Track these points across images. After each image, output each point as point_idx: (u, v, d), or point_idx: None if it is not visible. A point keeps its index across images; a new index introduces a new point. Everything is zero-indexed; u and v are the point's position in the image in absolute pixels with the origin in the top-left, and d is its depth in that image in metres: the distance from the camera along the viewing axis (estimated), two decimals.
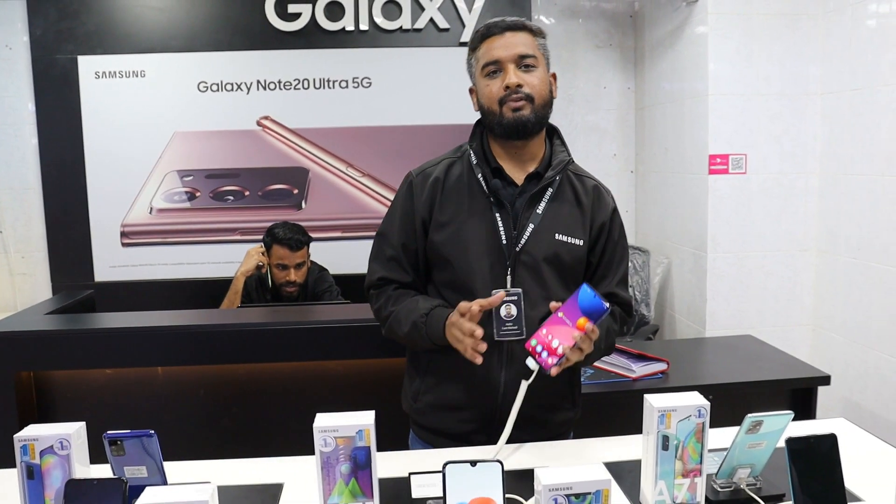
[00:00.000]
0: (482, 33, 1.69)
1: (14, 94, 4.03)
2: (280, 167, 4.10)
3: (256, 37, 3.99)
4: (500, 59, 1.65)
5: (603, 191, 1.78)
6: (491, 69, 1.66)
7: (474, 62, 1.72)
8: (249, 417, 2.50)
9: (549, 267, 1.66)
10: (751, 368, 2.69)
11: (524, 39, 1.67)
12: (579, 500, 1.07)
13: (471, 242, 1.66)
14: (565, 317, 1.45)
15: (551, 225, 1.68)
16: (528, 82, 1.64)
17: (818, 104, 3.52)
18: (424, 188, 1.72)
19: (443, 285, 1.71)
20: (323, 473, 1.21)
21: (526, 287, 1.63)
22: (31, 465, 1.22)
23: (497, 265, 1.65)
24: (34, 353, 2.42)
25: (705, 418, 1.30)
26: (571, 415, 1.80)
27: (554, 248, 1.67)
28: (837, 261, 3.45)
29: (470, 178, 1.70)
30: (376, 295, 1.77)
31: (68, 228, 4.04)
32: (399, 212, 1.75)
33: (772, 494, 1.36)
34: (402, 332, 1.68)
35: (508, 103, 1.64)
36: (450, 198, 1.70)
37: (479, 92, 1.71)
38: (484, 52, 1.68)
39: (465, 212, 1.68)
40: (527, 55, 1.65)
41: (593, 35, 4.39)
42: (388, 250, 1.74)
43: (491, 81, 1.67)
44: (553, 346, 1.45)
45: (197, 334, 2.45)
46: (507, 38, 1.65)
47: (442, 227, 1.69)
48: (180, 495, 1.03)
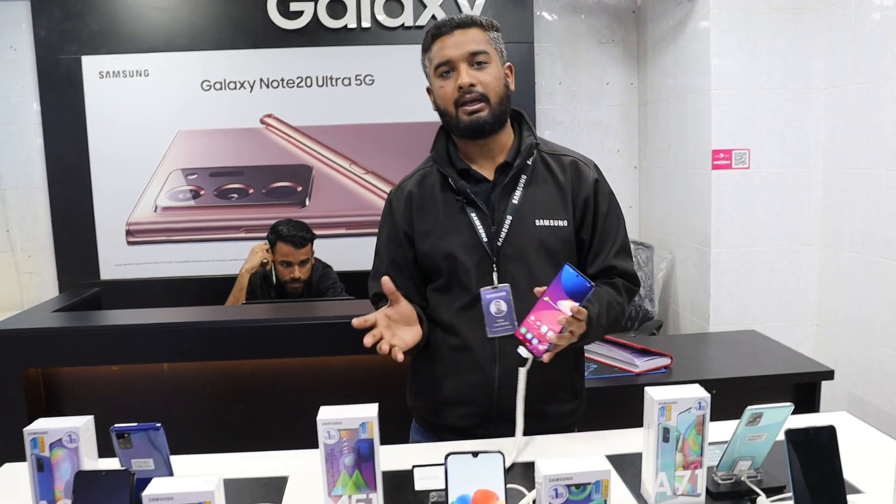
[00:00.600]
0: (433, 33, 1.67)
1: (19, 94, 4.06)
2: (284, 165, 4.12)
3: (259, 35, 4.01)
4: (452, 58, 1.63)
5: (582, 165, 1.75)
6: (444, 69, 1.65)
7: (427, 63, 1.70)
8: (254, 413, 2.52)
9: (536, 255, 1.65)
10: (754, 363, 2.70)
11: (475, 36, 1.65)
12: (579, 491, 1.08)
13: (452, 247, 1.66)
14: (551, 300, 1.45)
15: (530, 212, 1.67)
16: (481, 80, 1.63)
17: (821, 98, 3.52)
18: (401, 203, 1.74)
19: (437, 291, 1.72)
20: (327, 465, 1.23)
21: (515, 280, 1.63)
22: (41, 458, 1.24)
23: (483, 264, 1.65)
24: (42, 350, 2.45)
25: (706, 410, 1.30)
26: (573, 406, 1.78)
27: (537, 234, 1.66)
28: (841, 255, 3.45)
29: (442, 184, 1.71)
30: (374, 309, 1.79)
31: (74, 227, 4.07)
32: (385, 230, 1.78)
33: (772, 486, 1.36)
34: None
35: (464, 106, 1.63)
36: (426, 208, 1.71)
37: (435, 93, 1.70)
38: (436, 51, 1.66)
39: (441, 219, 1.69)
40: (478, 52, 1.64)
41: (596, 31, 4.39)
42: (380, 268, 1.76)
43: (444, 82, 1.66)
44: (542, 331, 1.45)
45: (202, 331, 2.47)
46: (456, 36, 1.64)
47: (425, 238, 1.70)
48: (187, 486, 1.04)
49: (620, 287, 1.72)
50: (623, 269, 1.73)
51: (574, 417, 1.79)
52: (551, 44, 4.36)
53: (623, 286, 1.73)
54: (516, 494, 1.33)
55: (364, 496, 1.24)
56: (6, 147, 4.08)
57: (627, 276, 1.74)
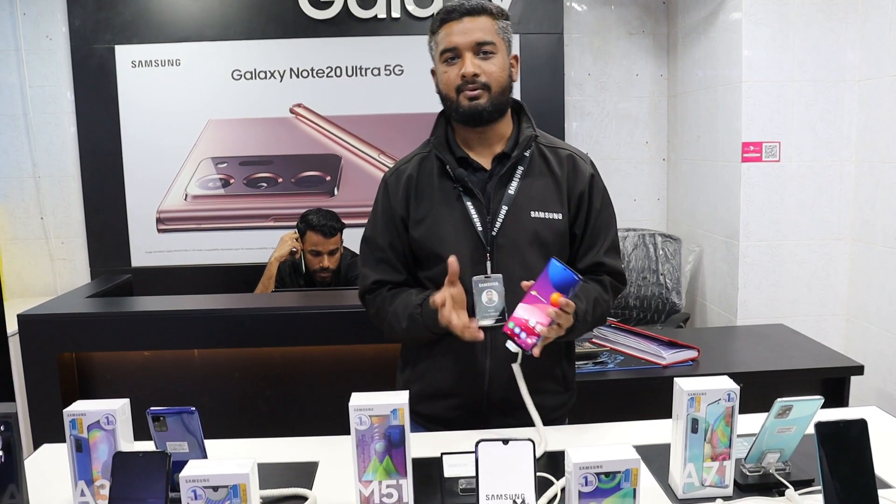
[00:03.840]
0: (441, 17, 1.65)
1: (54, 83, 4.12)
2: (313, 154, 4.14)
3: (289, 25, 4.03)
4: (458, 45, 1.62)
5: (579, 159, 1.74)
6: (449, 56, 1.64)
7: (434, 46, 1.69)
8: (283, 399, 2.54)
9: (530, 247, 1.64)
10: (782, 357, 2.68)
11: (483, 24, 1.63)
12: (609, 479, 1.09)
13: (447, 235, 1.66)
14: (539, 294, 1.45)
15: (525, 203, 1.66)
16: (485, 70, 1.62)
17: (855, 91, 3.47)
18: (399, 187, 1.72)
19: (429, 280, 1.70)
20: (358, 451, 1.24)
21: (508, 271, 1.60)
22: (79, 439, 1.27)
23: (476, 253, 1.64)
24: (75, 335, 2.49)
25: (735, 402, 1.30)
26: (564, 398, 1.77)
27: (532, 226, 1.65)
28: (872, 250, 3.41)
29: (440, 170, 1.70)
30: (371, 300, 1.75)
31: (106, 215, 4.13)
32: (380, 213, 1.74)
33: (801, 479, 1.36)
34: (402, 327, 1.67)
35: (465, 92, 1.63)
36: (423, 193, 1.70)
37: (438, 77, 1.70)
38: (443, 36, 1.65)
39: (437, 205, 1.68)
40: (485, 42, 1.63)
41: (626, 22, 4.36)
42: (376, 253, 1.74)
43: (449, 68, 1.65)
44: (530, 325, 1.44)
45: (232, 318, 2.50)
46: (465, 23, 1.62)
47: (419, 224, 1.69)
48: (222, 468, 1.07)
49: (608, 284, 1.73)
50: (612, 267, 1.73)
51: (564, 410, 1.79)
52: (581, 35, 4.33)
53: (610, 284, 1.74)
54: (544, 483, 1.34)
55: (394, 482, 1.26)
56: (41, 135, 4.15)
57: (615, 273, 1.75)
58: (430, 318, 1.60)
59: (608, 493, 1.10)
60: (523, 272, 1.58)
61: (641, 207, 4.46)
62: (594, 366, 2.56)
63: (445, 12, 1.65)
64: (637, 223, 4.35)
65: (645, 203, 4.45)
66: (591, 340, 2.80)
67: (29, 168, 4.18)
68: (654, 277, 3.86)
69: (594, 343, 2.76)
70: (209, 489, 1.07)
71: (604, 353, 2.66)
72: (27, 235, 4.23)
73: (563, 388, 1.77)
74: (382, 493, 1.27)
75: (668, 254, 3.91)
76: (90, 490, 1.29)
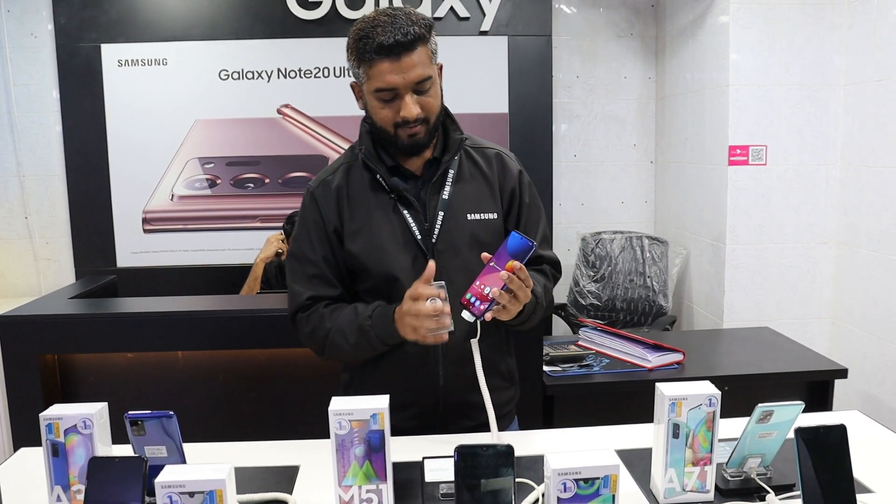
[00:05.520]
0: (373, 50, 1.51)
1: (39, 81, 4.08)
2: (300, 155, 4.12)
3: (277, 25, 4.01)
4: (397, 86, 1.53)
5: (506, 157, 1.74)
6: (386, 96, 1.55)
7: (362, 74, 1.57)
8: (267, 402, 2.53)
9: (469, 250, 1.62)
10: (767, 360, 2.69)
11: (420, 58, 1.53)
12: (588, 485, 1.08)
13: (387, 245, 1.62)
14: (496, 264, 1.44)
15: (460, 206, 1.65)
16: (424, 106, 1.56)
17: (841, 95, 3.49)
18: (328, 198, 1.66)
19: (367, 293, 1.66)
20: (338, 456, 1.24)
21: (452, 275, 1.58)
22: (55, 443, 1.26)
23: (417, 262, 1.61)
24: (58, 336, 2.46)
25: (716, 407, 1.31)
26: (511, 394, 1.77)
27: (469, 228, 1.64)
28: (857, 254, 3.43)
29: (371, 181, 1.65)
30: (306, 318, 1.65)
31: (91, 214, 4.09)
32: (310, 227, 1.67)
33: (782, 484, 1.37)
34: (349, 343, 1.59)
35: (405, 129, 1.57)
36: (356, 204, 1.65)
37: (371, 109, 1.61)
38: (377, 74, 1.53)
39: (373, 216, 1.64)
40: (424, 79, 1.54)
41: (614, 24, 4.37)
42: (308, 268, 1.66)
43: (385, 105, 1.57)
44: (484, 293, 1.44)
45: (217, 320, 2.48)
46: (403, 61, 1.51)
47: (355, 236, 1.64)
48: (198, 474, 1.06)
49: (549, 274, 1.76)
50: (549, 258, 1.76)
51: (512, 405, 1.79)
52: (569, 37, 4.34)
53: (550, 273, 1.76)
54: (525, 488, 1.33)
55: (374, 487, 1.26)
56: (26, 134, 4.11)
57: (553, 264, 1.77)
58: (384, 329, 1.55)
59: (587, 499, 1.09)
60: (465, 275, 1.54)
61: (629, 210, 4.46)
62: (579, 369, 2.56)
63: (378, 47, 1.50)
64: (624, 225, 4.36)
65: (632, 206, 4.46)
66: (577, 343, 2.81)
67: (13, 167, 4.14)
68: (640, 280, 3.87)
69: (580, 346, 2.76)
70: (185, 495, 1.06)
71: (589, 356, 2.67)
72: (11, 235, 4.20)
73: (509, 382, 1.77)
74: (362, 498, 1.26)
75: (655, 256, 3.91)
76: (66, 495, 1.28)
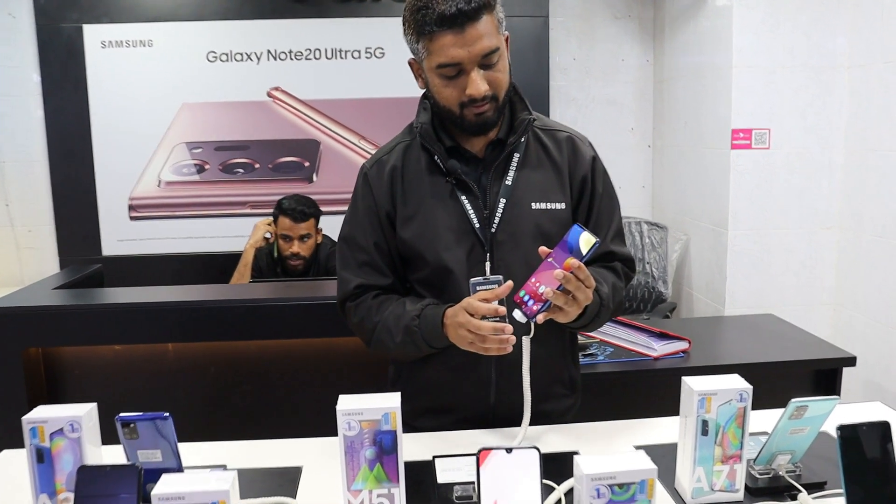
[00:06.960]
0: (435, 21, 1.37)
1: (18, 63, 3.96)
2: (291, 139, 4.04)
3: (267, 5, 3.92)
4: (462, 60, 1.40)
5: (578, 141, 1.60)
6: (450, 71, 1.42)
7: (422, 50, 1.44)
8: (261, 394, 2.46)
9: (532, 242, 1.45)
10: (774, 348, 2.64)
11: (486, 27, 1.39)
12: (623, 490, 1.01)
13: (441, 233, 1.50)
14: (554, 261, 1.32)
15: (525, 194, 1.52)
16: (493, 82, 1.43)
17: (845, 77, 3.42)
18: (382, 180, 1.55)
19: (420, 283, 1.56)
20: (346, 458, 1.15)
21: (510, 269, 1.46)
22: (40, 449, 1.16)
23: (474, 253, 1.50)
24: (42, 328, 2.39)
25: (747, 402, 1.23)
26: (570, 402, 1.67)
27: (533, 219, 1.51)
28: (861, 239, 3.37)
29: (428, 162, 1.53)
30: (354, 307, 1.57)
31: (75, 201, 4.01)
32: (362, 210, 1.57)
33: (813, 482, 1.30)
34: (395, 341, 1.50)
35: (472, 108, 1.44)
36: (411, 187, 1.53)
37: (433, 88, 1.48)
38: (438, 48, 1.40)
39: (428, 201, 1.52)
40: (492, 51, 1.41)
41: (611, 6, 4.29)
42: (358, 255, 1.56)
43: (449, 82, 1.44)
44: (539, 291, 1.33)
45: (208, 310, 2.41)
46: (468, 33, 1.37)
47: (408, 222, 1.53)
48: (200, 485, 0.97)
49: (620, 272, 1.63)
50: (622, 255, 1.63)
51: (570, 414, 1.68)
52: (566, 18, 4.25)
53: (623, 271, 1.63)
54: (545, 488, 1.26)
55: (386, 491, 1.17)
56: (5, 119, 3.99)
57: (626, 260, 1.64)
58: (431, 331, 1.46)
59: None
60: (526, 270, 1.39)
61: (626, 195, 4.37)
62: (584, 358, 2.49)
63: (440, 18, 1.37)
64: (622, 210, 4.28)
65: (630, 190, 4.38)
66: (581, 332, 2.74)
67: None
68: (640, 266, 3.80)
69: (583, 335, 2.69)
70: None
71: (593, 345, 2.60)
72: None
73: (570, 390, 1.67)
74: (373, 503, 1.18)
75: (655, 242, 3.85)
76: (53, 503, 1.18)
